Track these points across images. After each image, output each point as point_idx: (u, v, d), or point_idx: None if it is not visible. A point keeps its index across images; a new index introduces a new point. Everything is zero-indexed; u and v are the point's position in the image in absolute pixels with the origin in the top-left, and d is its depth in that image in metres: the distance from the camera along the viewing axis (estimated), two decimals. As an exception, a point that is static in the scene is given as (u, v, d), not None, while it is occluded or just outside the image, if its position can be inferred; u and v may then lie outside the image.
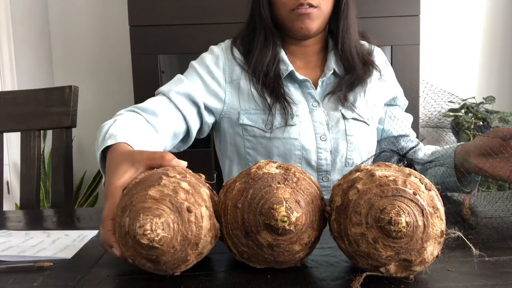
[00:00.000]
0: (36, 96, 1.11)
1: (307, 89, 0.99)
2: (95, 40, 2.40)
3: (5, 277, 0.52)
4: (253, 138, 0.97)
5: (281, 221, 0.45)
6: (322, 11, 0.94)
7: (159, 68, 1.96)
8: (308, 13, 0.92)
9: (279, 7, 0.95)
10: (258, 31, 0.99)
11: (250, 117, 0.97)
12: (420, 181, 0.47)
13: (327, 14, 0.96)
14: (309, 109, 0.98)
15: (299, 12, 0.92)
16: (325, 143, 0.97)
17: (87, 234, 0.68)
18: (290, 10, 0.93)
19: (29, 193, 1.05)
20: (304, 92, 0.99)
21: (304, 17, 0.93)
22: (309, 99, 0.99)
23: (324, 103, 0.99)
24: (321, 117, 0.98)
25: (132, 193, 0.48)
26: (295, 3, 0.91)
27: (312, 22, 0.94)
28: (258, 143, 0.97)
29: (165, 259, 0.46)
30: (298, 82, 0.99)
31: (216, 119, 1.01)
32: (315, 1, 0.92)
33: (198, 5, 1.90)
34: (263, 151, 0.97)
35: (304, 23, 0.94)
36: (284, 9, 0.94)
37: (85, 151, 2.44)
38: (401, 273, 0.46)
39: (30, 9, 2.21)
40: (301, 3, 0.91)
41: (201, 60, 1.02)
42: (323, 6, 0.94)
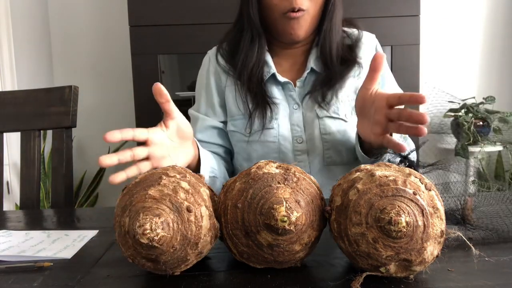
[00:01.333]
0: (36, 96, 1.10)
1: (288, 91, 0.99)
2: (95, 40, 2.40)
3: (5, 277, 0.52)
4: (237, 143, 1.01)
5: (281, 221, 0.45)
6: (310, 14, 0.93)
7: (159, 68, 1.96)
8: (298, 17, 0.91)
9: (270, 9, 0.93)
10: (245, 31, 0.98)
11: (235, 123, 1.00)
12: (420, 181, 0.47)
13: (314, 17, 0.95)
14: (289, 112, 0.98)
15: (290, 16, 0.91)
16: (301, 145, 0.97)
17: (87, 234, 0.68)
18: (281, 14, 0.92)
19: (29, 193, 1.05)
20: (286, 94, 0.99)
21: (294, 22, 0.92)
22: (291, 101, 0.99)
23: (304, 104, 0.99)
24: (298, 119, 0.98)
25: (132, 193, 0.48)
26: (288, 6, 0.90)
27: (301, 28, 0.93)
28: (241, 148, 1.00)
29: (165, 258, 0.46)
30: (280, 84, 0.99)
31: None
32: (304, 5, 0.91)
33: (198, 5, 1.90)
34: (244, 155, 0.99)
35: (293, 28, 0.93)
36: (276, 11, 0.93)
37: (85, 151, 2.44)
38: (401, 273, 0.46)
39: (30, 9, 2.21)
40: (293, 6, 0.90)
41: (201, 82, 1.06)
42: (311, 9, 0.92)
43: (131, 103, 2.00)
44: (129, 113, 2.13)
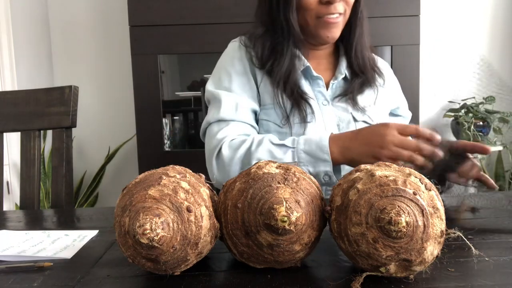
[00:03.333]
0: (36, 96, 1.10)
1: (318, 87, 0.99)
2: (95, 40, 2.40)
3: (5, 277, 0.52)
4: (266, 132, 0.97)
5: (281, 221, 0.45)
6: (346, 17, 0.94)
7: (159, 68, 1.96)
8: (337, 22, 0.92)
9: (306, 12, 0.93)
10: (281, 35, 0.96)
11: (267, 112, 0.97)
12: (420, 181, 0.47)
13: (347, 21, 0.96)
14: (320, 107, 0.98)
15: (328, 21, 0.91)
16: None
17: (87, 234, 0.68)
18: (317, 17, 0.92)
19: (29, 193, 1.05)
20: (315, 90, 0.99)
21: (331, 25, 0.92)
22: (320, 97, 0.99)
23: (334, 104, 0.99)
24: (331, 116, 0.98)
25: (132, 193, 0.48)
26: (325, 11, 0.90)
27: (337, 31, 0.94)
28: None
29: (165, 258, 0.46)
30: (310, 79, 0.99)
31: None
32: (342, 8, 0.91)
33: (198, 5, 1.90)
34: None
35: (330, 32, 0.93)
36: (311, 15, 0.92)
37: (85, 151, 2.44)
38: (401, 273, 0.46)
39: (30, 9, 2.21)
40: (332, 12, 0.90)
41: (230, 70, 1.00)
42: (348, 12, 0.94)
43: (131, 103, 2.00)
44: (129, 113, 2.14)
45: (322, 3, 0.90)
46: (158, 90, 1.96)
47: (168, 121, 2.21)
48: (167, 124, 2.19)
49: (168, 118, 2.22)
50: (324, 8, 0.90)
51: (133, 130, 2.03)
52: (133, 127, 2.00)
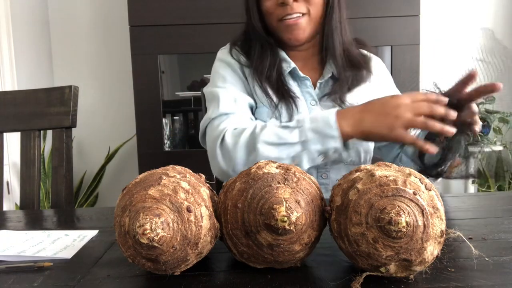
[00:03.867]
0: (36, 96, 1.11)
1: (305, 87, 0.99)
2: (95, 40, 2.40)
3: (5, 277, 0.52)
4: None
5: (281, 221, 0.45)
6: (312, 17, 0.92)
7: (159, 68, 1.96)
8: (297, 23, 0.90)
9: (267, 17, 0.93)
10: (254, 41, 0.98)
11: (259, 110, 0.97)
12: (420, 181, 0.47)
13: (317, 19, 0.94)
14: (308, 107, 0.98)
15: (287, 23, 0.90)
16: None
17: (87, 234, 0.68)
18: (278, 20, 0.91)
19: (29, 193, 1.05)
20: (303, 91, 0.99)
21: (292, 27, 0.91)
22: (308, 97, 0.99)
23: (322, 104, 0.99)
24: None
25: (132, 193, 0.48)
26: (282, 13, 0.89)
27: (301, 32, 0.92)
28: None
29: (165, 258, 0.46)
30: (298, 79, 0.99)
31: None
32: (302, 8, 0.89)
33: (198, 5, 1.90)
34: None
35: (292, 34, 0.92)
36: (272, 19, 0.92)
37: (85, 151, 2.44)
38: (401, 273, 0.46)
39: (30, 9, 2.21)
40: (289, 13, 0.89)
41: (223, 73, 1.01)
42: (313, 11, 0.91)
43: (131, 103, 2.00)
44: (129, 113, 2.14)
45: (279, 5, 0.89)
46: (158, 90, 1.96)
47: (168, 121, 2.21)
48: (167, 124, 2.19)
49: (168, 118, 2.22)
50: (281, 9, 0.89)
51: (133, 130, 2.03)
52: (133, 127, 2.00)
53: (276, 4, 0.90)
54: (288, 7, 0.88)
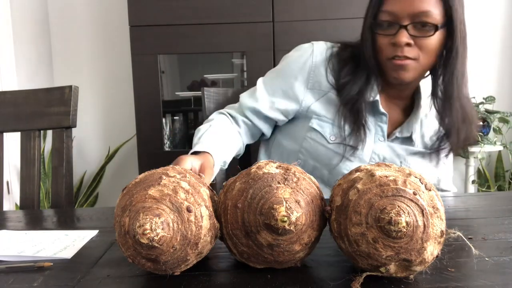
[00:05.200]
0: (36, 96, 1.10)
1: (381, 121, 0.98)
2: (95, 40, 2.40)
3: (5, 277, 0.52)
4: (313, 141, 0.99)
5: (281, 221, 0.45)
6: (420, 63, 0.90)
7: (159, 68, 1.96)
8: (404, 65, 0.89)
9: (379, 52, 0.92)
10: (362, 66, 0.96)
11: (321, 123, 0.98)
12: (420, 181, 0.47)
13: (426, 66, 0.92)
14: (375, 140, 0.98)
15: (395, 63, 0.89)
16: None
17: (87, 234, 0.68)
18: (388, 59, 0.90)
19: (29, 193, 1.05)
20: (377, 124, 0.98)
21: (399, 68, 0.89)
22: (378, 131, 0.98)
23: (390, 144, 0.99)
24: (381, 153, 0.98)
25: (132, 193, 0.48)
26: (392, 53, 0.89)
27: (406, 73, 0.90)
28: (314, 148, 0.98)
29: (165, 258, 0.46)
30: (375, 112, 0.97)
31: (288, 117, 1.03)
32: (412, 54, 0.88)
33: (198, 5, 1.90)
34: (315, 154, 0.99)
35: (398, 74, 0.90)
36: (382, 56, 0.91)
37: (85, 151, 2.44)
38: (401, 273, 0.46)
39: (30, 9, 2.21)
40: (398, 54, 0.88)
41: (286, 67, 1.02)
42: (423, 59, 0.89)
43: (131, 103, 2.00)
44: (129, 113, 2.13)
45: (391, 44, 0.89)
46: (158, 90, 1.96)
47: (168, 121, 2.21)
48: (167, 124, 2.19)
49: (168, 118, 2.22)
50: (392, 49, 0.89)
51: (133, 130, 2.03)
52: (133, 127, 2.00)
53: (388, 43, 0.89)
54: (399, 49, 0.87)
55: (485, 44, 2.43)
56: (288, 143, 1.04)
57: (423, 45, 0.87)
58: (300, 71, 0.99)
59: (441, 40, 0.89)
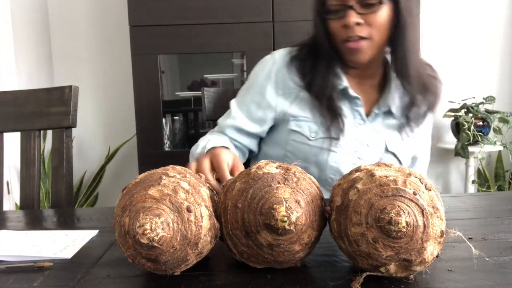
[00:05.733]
0: (36, 96, 1.10)
1: (356, 106, 0.99)
2: (95, 40, 2.40)
3: (5, 277, 0.52)
4: (295, 143, 1.00)
5: (281, 221, 0.45)
6: (374, 41, 0.91)
7: (159, 68, 1.96)
8: (358, 46, 0.90)
9: (333, 37, 0.94)
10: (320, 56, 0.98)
11: (299, 123, 0.99)
12: (420, 181, 0.47)
13: (381, 43, 0.93)
14: (355, 126, 0.99)
15: (349, 46, 0.91)
16: (361, 161, 0.98)
17: (87, 234, 0.68)
18: (342, 41, 0.92)
19: (29, 193, 1.05)
20: (353, 109, 0.99)
21: (354, 50, 0.91)
22: (356, 115, 0.99)
23: (371, 126, 1.00)
24: (364, 136, 0.99)
25: (132, 193, 0.48)
26: (345, 35, 0.90)
27: (362, 55, 0.92)
28: (298, 149, 1.00)
29: (165, 258, 0.46)
30: (349, 98, 0.99)
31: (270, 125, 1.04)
32: (364, 32, 0.89)
33: (198, 5, 1.90)
34: (301, 156, 0.99)
35: (353, 56, 0.93)
36: (337, 40, 0.93)
37: (85, 151, 2.44)
38: (401, 273, 0.46)
39: (30, 9, 2.21)
40: (350, 35, 0.89)
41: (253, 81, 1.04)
42: (375, 35, 0.91)
43: (131, 103, 2.00)
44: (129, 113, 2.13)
45: (342, 27, 0.91)
46: (158, 90, 1.96)
47: (168, 121, 2.21)
48: (167, 124, 2.19)
49: (168, 118, 2.22)
50: (344, 31, 0.91)
51: (133, 130, 2.03)
52: (133, 127, 2.00)
53: (340, 26, 0.91)
54: (350, 29, 0.89)
55: (485, 44, 2.43)
56: (273, 151, 1.05)
57: (373, 21, 0.89)
58: (267, 80, 1.02)
59: (389, 14, 0.91)
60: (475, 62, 2.43)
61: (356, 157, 0.99)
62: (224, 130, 1.03)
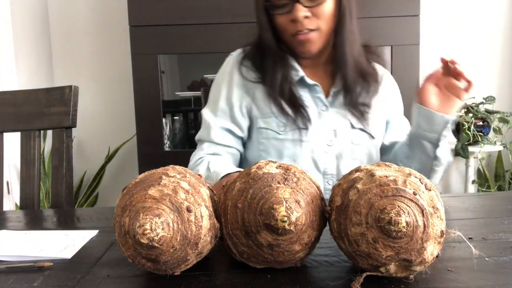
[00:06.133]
0: (36, 96, 1.10)
1: (316, 93, 1.01)
2: (95, 40, 2.40)
3: (5, 277, 0.52)
4: (266, 140, 1.01)
5: (281, 221, 0.45)
6: (322, 31, 0.94)
7: (159, 68, 1.96)
8: (308, 38, 0.93)
9: (281, 31, 0.97)
10: (266, 55, 1.00)
11: (267, 120, 1.00)
12: (420, 181, 0.47)
13: (328, 32, 0.96)
14: (318, 113, 1.00)
15: (298, 39, 0.93)
16: (331, 148, 1.00)
17: (87, 234, 0.68)
18: (291, 35, 0.95)
19: (29, 193, 1.05)
20: (314, 96, 1.01)
21: (304, 42, 0.94)
22: (318, 103, 1.01)
23: (333, 111, 1.01)
24: (329, 122, 1.00)
25: (132, 193, 0.48)
26: (294, 29, 0.93)
27: (313, 45, 0.95)
28: (271, 145, 1.00)
29: (165, 258, 0.46)
30: (308, 86, 1.01)
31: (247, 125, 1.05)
32: (312, 25, 0.92)
33: (198, 5, 1.90)
34: (274, 152, 1.00)
35: (305, 47, 0.95)
36: (286, 34, 0.96)
37: (85, 151, 2.44)
38: (401, 273, 0.46)
39: (30, 9, 2.21)
40: (299, 29, 0.92)
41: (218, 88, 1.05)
42: (323, 26, 0.94)
43: (131, 103, 2.00)
44: (129, 113, 2.13)
45: (291, 21, 0.93)
46: (158, 90, 1.96)
47: (168, 121, 2.21)
48: (167, 124, 2.19)
49: (168, 118, 2.22)
50: (293, 26, 0.93)
51: (133, 130, 2.03)
52: (133, 127, 2.00)
53: (288, 21, 0.93)
54: (298, 23, 0.91)
55: (485, 44, 2.43)
56: (250, 154, 1.06)
57: (320, 13, 0.92)
58: (229, 80, 1.03)
59: (334, 4, 0.94)
60: (475, 62, 2.43)
61: (325, 144, 1.00)
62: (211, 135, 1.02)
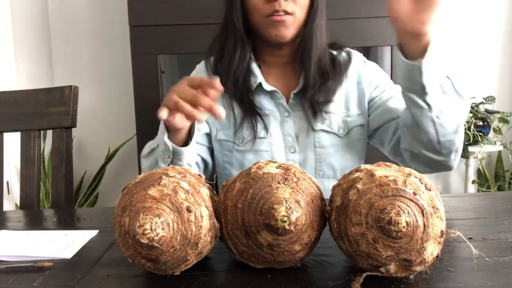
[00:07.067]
0: (36, 96, 1.10)
1: (277, 99, 0.98)
2: (95, 40, 2.40)
3: (5, 277, 0.52)
4: (228, 152, 0.99)
5: (281, 221, 0.45)
6: (297, 18, 0.92)
7: (159, 68, 1.96)
8: (283, 20, 0.90)
9: (253, 12, 0.93)
10: (229, 37, 0.97)
11: (225, 132, 0.99)
12: (420, 181, 0.47)
13: (301, 21, 0.94)
14: (281, 120, 0.98)
15: (274, 19, 0.90)
16: (294, 155, 0.97)
17: (87, 234, 0.68)
18: (265, 16, 0.91)
19: (29, 193, 1.05)
20: (276, 103, 0.98)
21: (279, 24, 0.91)
22: (281, 109, 0.98)
23: (296, 114, 0.98)
24: (291, 128, 0.98)
25: (132, 193, 0.48)
26: (270, 9, 0.90)
27: (286, 30, 0.92)
28: (232, 157, 0.99)
29: (165, 258, 0.46)
30: (268, 93, 0.98)
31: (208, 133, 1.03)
32: (290, 8, 0.90)
33: (198, 5, 1.90)
34: (237, 164, 0.98)
35: (278, 30, 0.92)
36: (259, 15, 0.92)
37: (85, 151, 2.44)
38: (401, 273, 0.46)
39: (30, 9, 2.21)
40: (277, 9, 0.89)
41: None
42: (298, 13, 0.92)
43: (131, 103, 2.00)
44: (129, 113, 2.13)
45: (267, 1, 0.90)
46: (158, 90, 1.96)
47: (168, 121, 2.21)
48: (167, 124, 2.18)
49: (168, 118, 2.21)
50: (269, 6, 0.90)
51: (133, 130, 2.03)
52: (133, 127, 2.00)
53: (263, 1, 0.90)
54: (276, 3, 0.89)
55: (485, 44, 2.43)
56: (217, 166, 1.04)
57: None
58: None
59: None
60: (475, 62, 2.43)
61: (288, 151, 0.97)
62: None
